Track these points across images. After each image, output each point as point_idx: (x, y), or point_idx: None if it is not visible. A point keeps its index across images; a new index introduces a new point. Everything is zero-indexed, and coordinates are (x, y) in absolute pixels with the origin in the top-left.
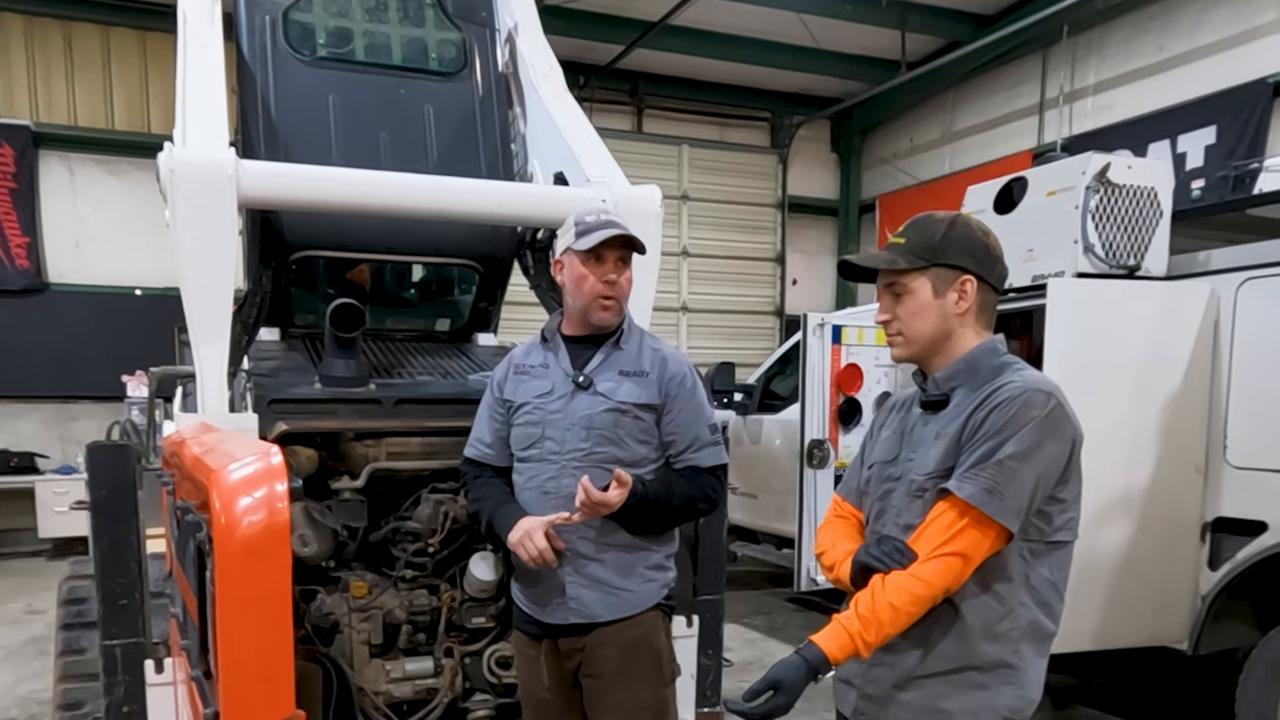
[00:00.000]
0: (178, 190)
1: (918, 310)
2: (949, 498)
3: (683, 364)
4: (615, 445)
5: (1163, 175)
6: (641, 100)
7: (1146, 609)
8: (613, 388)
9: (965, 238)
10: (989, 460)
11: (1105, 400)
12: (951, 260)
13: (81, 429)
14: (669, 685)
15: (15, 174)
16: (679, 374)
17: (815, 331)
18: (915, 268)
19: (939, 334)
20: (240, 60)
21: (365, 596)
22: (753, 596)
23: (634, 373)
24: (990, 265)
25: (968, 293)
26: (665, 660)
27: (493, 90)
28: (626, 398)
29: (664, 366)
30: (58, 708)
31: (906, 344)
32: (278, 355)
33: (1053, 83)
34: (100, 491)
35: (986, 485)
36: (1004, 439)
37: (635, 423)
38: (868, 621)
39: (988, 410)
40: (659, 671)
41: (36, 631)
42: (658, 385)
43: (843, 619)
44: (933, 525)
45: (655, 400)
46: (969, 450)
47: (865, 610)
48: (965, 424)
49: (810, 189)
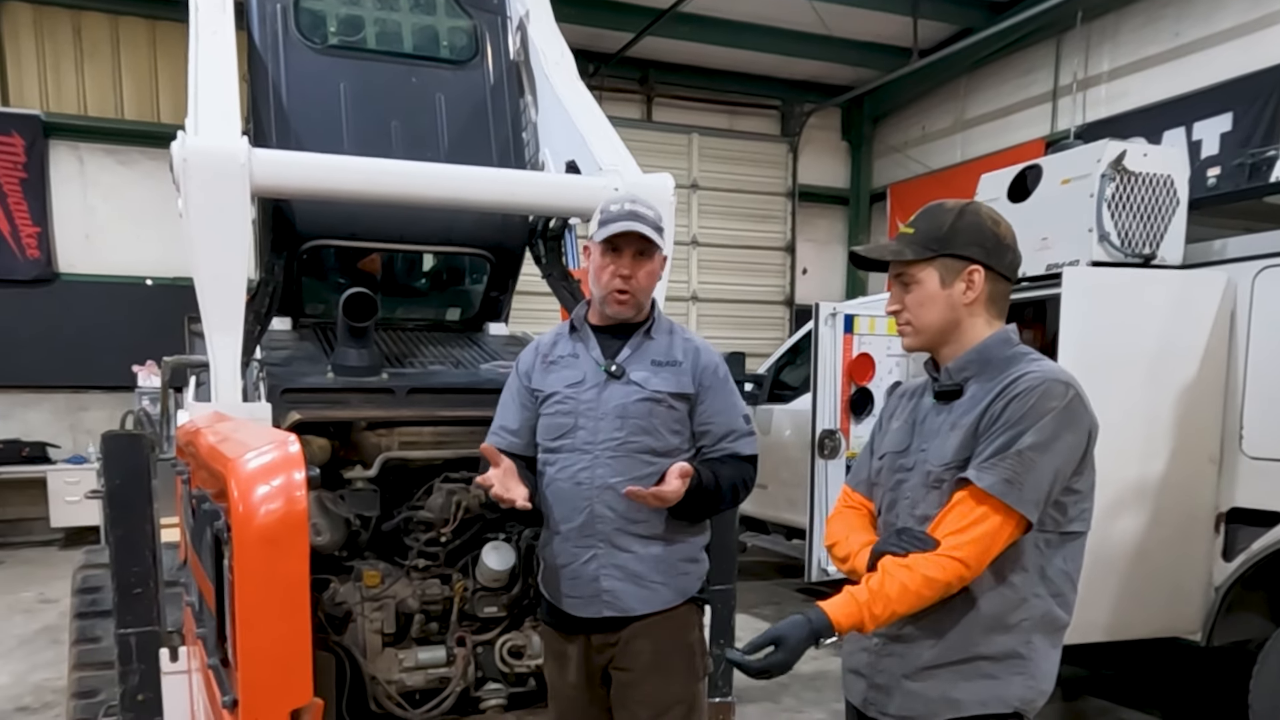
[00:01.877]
0: (190, 179)
1: (925, 300)
2: (968, 487)
3: (715, 355)
4: (649, 435)
5: (1178, 163)
6: (651, 88)
7: (1159, 600)
8: (646, 377)
9: (973, 227)
10: (1008, 450)
11: (1120, 390)
12: (958, 250)
13: (92, 419)
14: (701, 680)
15: (25, 164)
16: (712, 364)
17: (827, 321)
18: (922, 258)
19: (947, 324)
20: (252, 48)
21: (378, 586)
22: (763, 587)
23: (667, 363)
24: (999, 254)
25: (975, 283)
26: (698, 655)
27: (504, 78)
28: (661, 387)
29: (697, 357)
30: (73, 695)
31: (915, 334)
32: (290, 345)
33: (1066, 70)
34: (115, 481)
35: (1006, 475)
36: (1023, 429)
37: (670, 412)
38: (876, 595)
39: (1006, 400)
40: (691, 666)
41: (49, 620)
42: (691, 375)
43: (853, 589)
44: (951, 514)
45: (689, 390)
46: (987, 440)
47: (875, 584)
48: (983, 414)
49: (821, 177)
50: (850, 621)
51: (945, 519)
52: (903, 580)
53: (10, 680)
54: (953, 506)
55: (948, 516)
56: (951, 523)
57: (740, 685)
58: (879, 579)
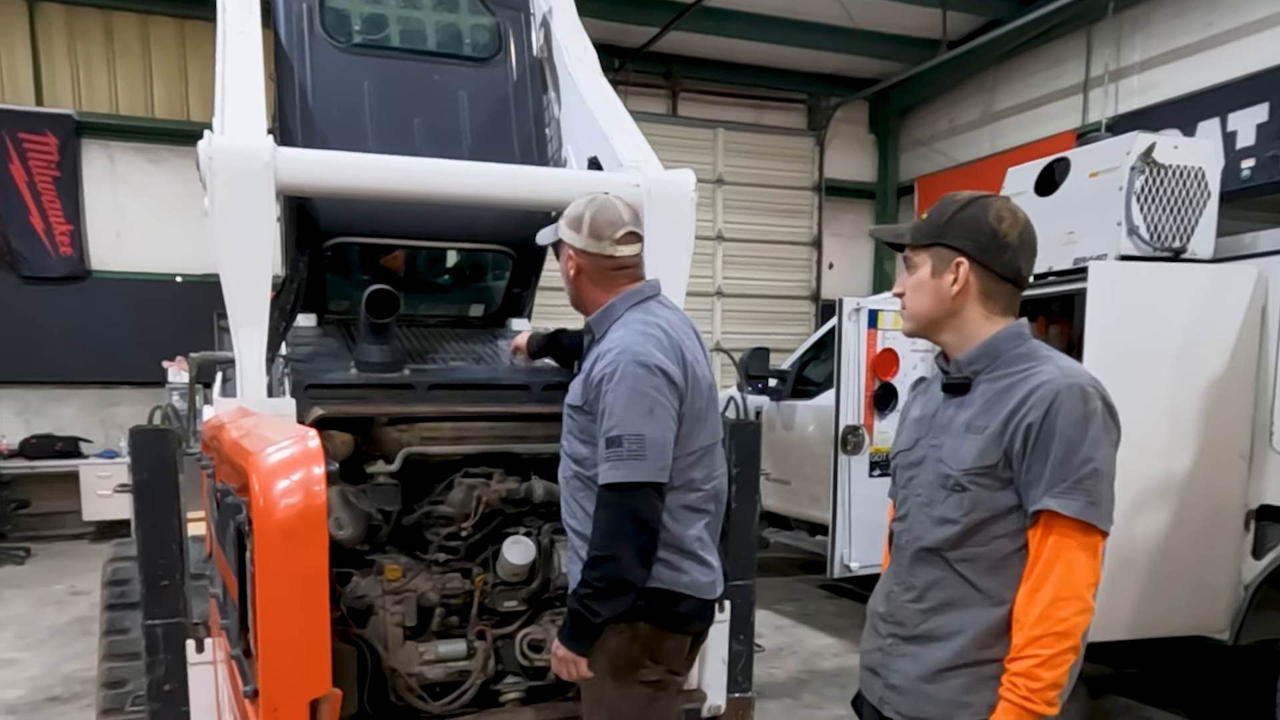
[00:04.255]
0: (216, 177)
1: (918, 286)
2: (1052, 520)
3: (611, 363)
4: (565, 443)
5: (1210, 155)
6: (676, 83)
7: (1185, 598)
8: (572, 386)
9: (970, 220)
10: (1070, 467)
11: (1147, 386)
12: (949, 241)
13: (123, 414)
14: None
15: (59, 162)
16: (600, 375)
17: (851, 316)
18: (920, 244)
19: (937, 313)
20: (278, 47)
21: (399, 579)
22: (784, 583)
23: (583, 370)
24: (994, 252)
25: (960, 276)
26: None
27: (527, 75)
28: (570, 397)
29: (593, 365)
30: (102, 685)
31: (909, 318)
32: (314, 341)
33: (1097, 61)
34: (142, 475)
35: (1089, 498)
36: (1075, 442)
37: (572, 422)
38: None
39: (1043, 411)
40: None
41: (80, 612)
42: (583, 385)
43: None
44: (1046, 557)
45: (578, 401)
46: (1036, 457)
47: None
48: (1009, 421)
49: (847, 171)
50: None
51: (1045, 565)
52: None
53: (42, 671)
54: (1043, 549)
55: (1043, 564)
56: (1057, 569)
57: (761, 681)
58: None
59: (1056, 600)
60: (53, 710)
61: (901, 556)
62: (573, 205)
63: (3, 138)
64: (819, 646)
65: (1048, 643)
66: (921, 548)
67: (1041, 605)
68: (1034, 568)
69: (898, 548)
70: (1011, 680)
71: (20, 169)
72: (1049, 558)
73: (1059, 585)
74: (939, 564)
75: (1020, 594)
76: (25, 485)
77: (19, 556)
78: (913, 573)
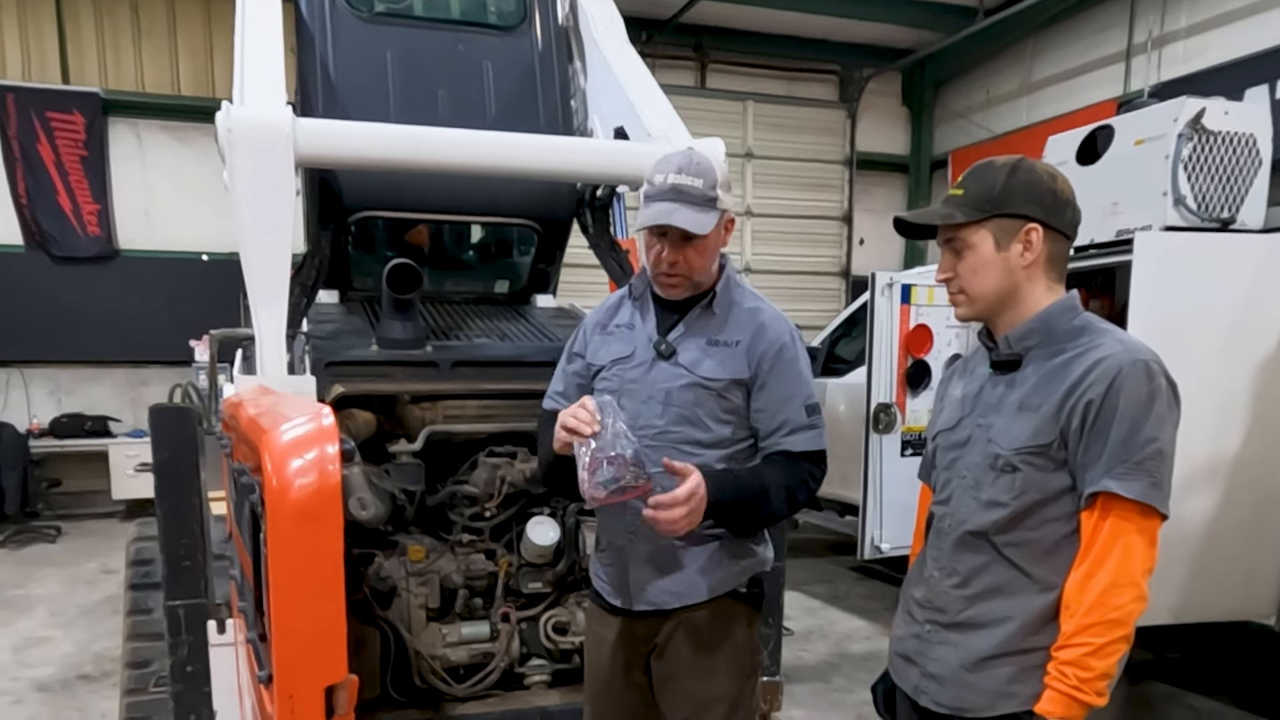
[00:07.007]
0: (235, 150)
1: (979, 266)
2: (1111, 502)
3: (783, 331)
4: (693, 425)
5: (1262, 121)
6: (705, 55)
7: (1231, 582)
8: (696, 359)
9: (1029, 184)
10: (1133, 447)
11: (1194, 363)
12: (1014, 209)
13: (152, 393)
14: (749, 677)
15: (86, 141)
16: (775, 345)
17: (884, 291)
18: (974, 220)
19: (1005, 290)
20: (299, 19)
21: (422, 560)
22: (814, 564)
23: (722, 342)
24: (1059, 211)
25: (1034, 243)
26: (744, 651)
27: (552, 44)
28: (709, 373)
29: (758, 336)
30: (126, 665)
31: (970, 303)
32: (336, 317)
33: (1141, 26)
34: (163, 454)
35: (1152, 480)
36: (1139, 421)
37: (718, 401)
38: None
39: (1104, 388)
40: (736, 662)
41: (110, 591)
42: (747, 358)
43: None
44: (1101, 544)
45: (743, 375)
46: (1094, 437)
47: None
48: (1066, 400)
49: (880, 144)
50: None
51: (1102, 549)
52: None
53: (74, 649)
54: (1100, 533)
55: (1099, 547)
56: (1115, 553)
57: (790, 665)
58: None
59: (1112, 587)
60: (83, 688)
61: (943, 541)
62: (701, 166)
63: (30, 117)
64: (850, 629)
65: (1099, 630)
66: (967, 531)
67: (1095, 592)
68: (1089, 552)
69: (938, 531)
70: (1060, 669)
71: (48, 148)
72: (1106, 541)
73: (1116, 571)
74: (985, 548)
75: (1072, 579)
76: (56, 464)
77: (50, 535)
78: (956, 557)
